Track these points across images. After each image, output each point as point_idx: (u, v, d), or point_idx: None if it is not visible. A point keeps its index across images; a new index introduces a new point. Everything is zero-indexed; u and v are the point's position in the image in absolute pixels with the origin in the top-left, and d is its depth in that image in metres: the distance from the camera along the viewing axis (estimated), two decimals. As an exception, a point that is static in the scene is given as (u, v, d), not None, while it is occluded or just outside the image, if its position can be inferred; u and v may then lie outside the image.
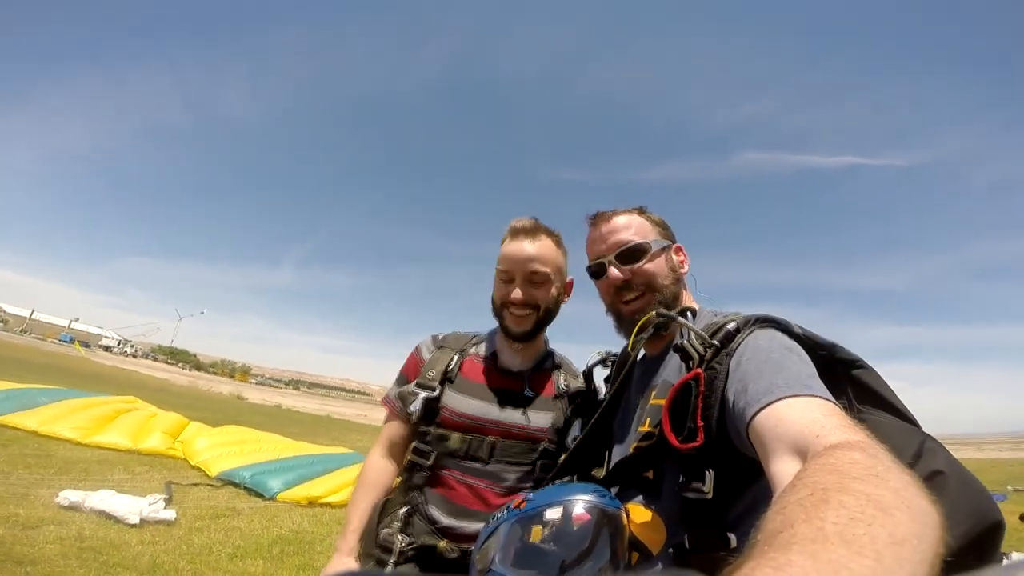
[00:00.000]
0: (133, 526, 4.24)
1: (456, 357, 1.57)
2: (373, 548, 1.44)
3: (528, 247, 1.49)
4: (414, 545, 1.41)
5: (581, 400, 1.58)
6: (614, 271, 1.25)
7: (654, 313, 1.17)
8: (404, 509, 1.46)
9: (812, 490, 0.50)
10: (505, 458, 1.47)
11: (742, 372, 0.91)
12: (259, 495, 6.05)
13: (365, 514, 1.51)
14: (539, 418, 1.53)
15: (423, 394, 1.50)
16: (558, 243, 1.56)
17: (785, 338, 0.98)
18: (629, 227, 1.28)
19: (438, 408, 1.50)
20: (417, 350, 1.64)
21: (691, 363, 1.01)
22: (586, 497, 1.01)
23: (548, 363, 1.65)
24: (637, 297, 1.25)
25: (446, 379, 1.53)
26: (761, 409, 0.80)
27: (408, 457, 1.54)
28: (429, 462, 1.47)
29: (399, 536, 1.41)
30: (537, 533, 0.99)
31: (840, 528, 0.42)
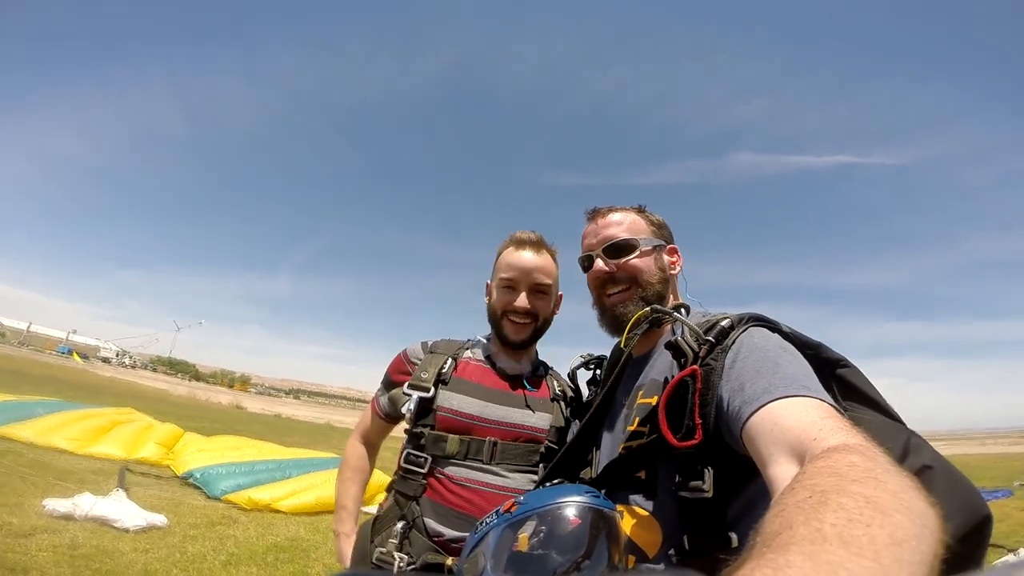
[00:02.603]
0: (124, 530, 4.27)
1: (449, 360, 1.53)
2: (368, 569, 1.35)
3: (534, 258, 1.53)
4: (415, 564, 1.31)
5: (573, 403, 1.57)
6: (600, 263, 1.27)
7: (648, 309, 1.16)
8: (400, 524, 1.37)
9: (811, 492, 0.50)
10: (507, 460, 1.41)
11: (738, 370, 0.90)
12: (204, 492, 6.16)
13: (358, 496, 1.56)
14: (539, 418, 1.49)
15: (416, 395, 1.45)
16: (555, 258, 1.61)
17: (779, 337, 0.98)
18: (621, 224, 1.30)
19: (432, 410, 1.45)
20: (404, 354, 1.60)
21: (684, 360, 1.00)
22: (580, 499, 0.97)
23: (541, 369, 1.66)
24: (621, 291, 1.26)
25: (440, 381, 1.48)
26: (758, 409, 0.80)
27: (400, 465, 1.48)
28: (424, 469, 1.39)
29: (396, 555, 1.32)
30: (529, 539, 0.94)
31: (839, 529, 0.42)
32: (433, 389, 1.46)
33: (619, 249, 1.27)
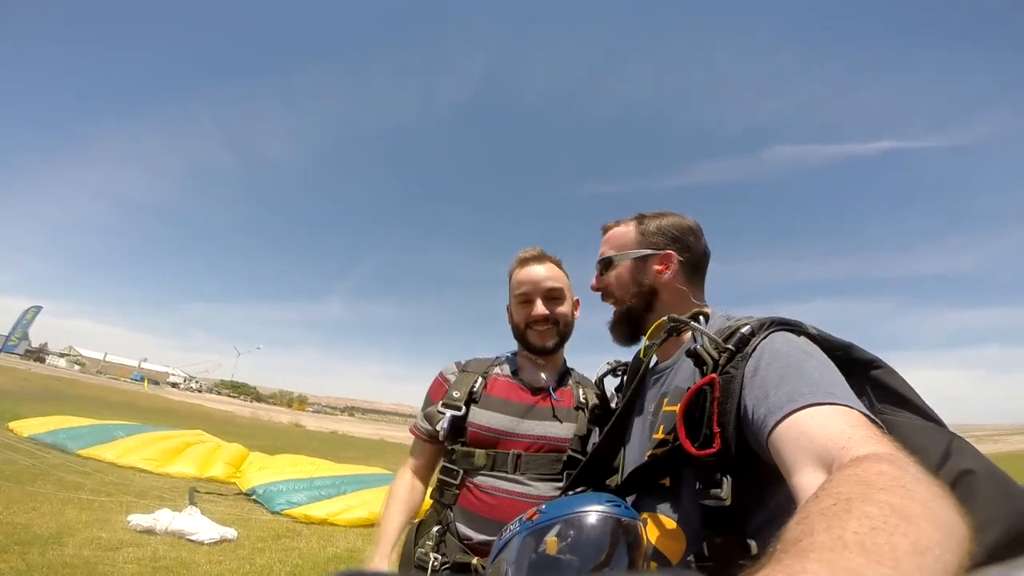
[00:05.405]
0: (200, 543, 4.60)
1: (480, 379, 1.65)
2: (411, 568, 1.48)
3: (541, 269, 1.69)
4: (448, 563, 1.44)
5: (598, 410, 1.60)
6: (593, 280, 1.40)
7: (666, 318, 1.16)
8: (436, 528, 1.50)
9: (835, 500, 0.49)
10: (531, 469, 1.51)
11: (761, 378, 0.88)
12: (266, 508, 6.48)
13: (397, 530, 1.56)
14: (562, 428, 1.57)
15: (450, 413, 1.57)
16: (561, 266, 1.75)
17: (803, 342, 0.95)
18: (608, 240, 1.38)
19: (464, 427, 1.56)
20: (441, 375, 1.73)
21: (705, 368, 0.99)
22: (600, 507, 0.97)
23: (568, 378, 1.74)
24: (612, 303, 1.35)
25: (471, 399, 1.60)
26: (784, 418, 0.77)
27: (437, 477, 1.61)
28: (457, 480, 1.52)
29: (432, 555, 1.45)
30: (551, 545, 0.95)
31: (860, 537, 0.41)
32: (464, 408, 1.58)
33: (602, 266, 1.36)
